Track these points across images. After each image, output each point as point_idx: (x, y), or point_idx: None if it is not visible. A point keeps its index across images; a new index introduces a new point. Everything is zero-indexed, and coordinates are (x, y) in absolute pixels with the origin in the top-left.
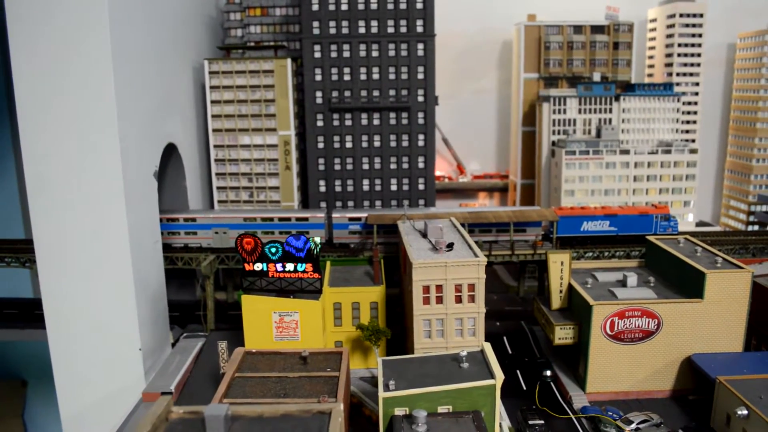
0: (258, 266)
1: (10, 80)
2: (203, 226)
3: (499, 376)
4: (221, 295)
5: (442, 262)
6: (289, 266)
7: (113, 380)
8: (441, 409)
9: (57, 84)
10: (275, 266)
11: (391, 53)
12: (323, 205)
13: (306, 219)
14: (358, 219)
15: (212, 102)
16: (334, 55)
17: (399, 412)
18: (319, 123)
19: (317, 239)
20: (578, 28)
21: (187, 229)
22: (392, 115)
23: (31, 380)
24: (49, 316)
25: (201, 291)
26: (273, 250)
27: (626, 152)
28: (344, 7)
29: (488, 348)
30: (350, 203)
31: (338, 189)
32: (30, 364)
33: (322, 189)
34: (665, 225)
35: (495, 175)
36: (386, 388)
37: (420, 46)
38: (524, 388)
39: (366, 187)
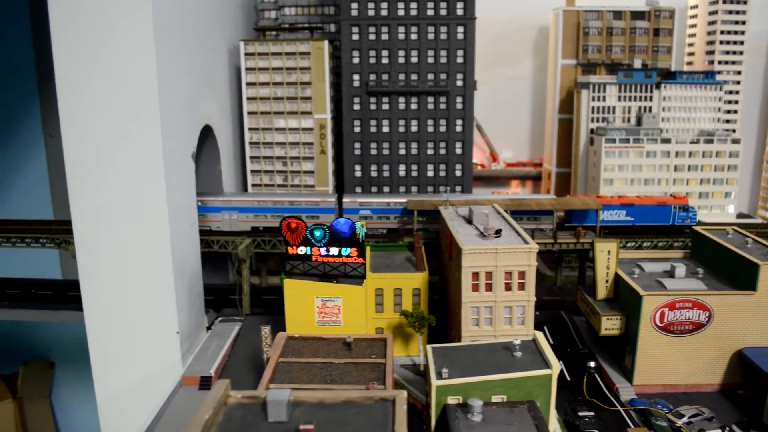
0: (301, 250)
1: (40, 63)
2: (213, 209)
3: (555, 365)
4: (255, 279)
5: (492, 248)
6: (333, 250)
7: (150, 363)
8: (495, 399)
9: (98, 65)
10: (319, 250)
11: (430, 36)
12: (358, 190)
13: (317, 203)
14: (369, 204)
15: (248, 84)
16: (372, 37)
17: (452, 400)
18: (356, 107)
19: (363, 223)
20: (618, 14)
21: (198, 211)
22: (430, 99)
23: (58, 362)
24: (86, 298)
25: (236, 275)
26: (318, 233)
27: (667, 141)
28: None
29: (541, 337)
30: (386, 188)
31: (374, 174)
32: (58, 346)
33: (358, 174)
34: (683, 216)
35: (528, 163)
36: (439, 376)
37: (460, 29)
38: (568, 378)
39: (402, 173)
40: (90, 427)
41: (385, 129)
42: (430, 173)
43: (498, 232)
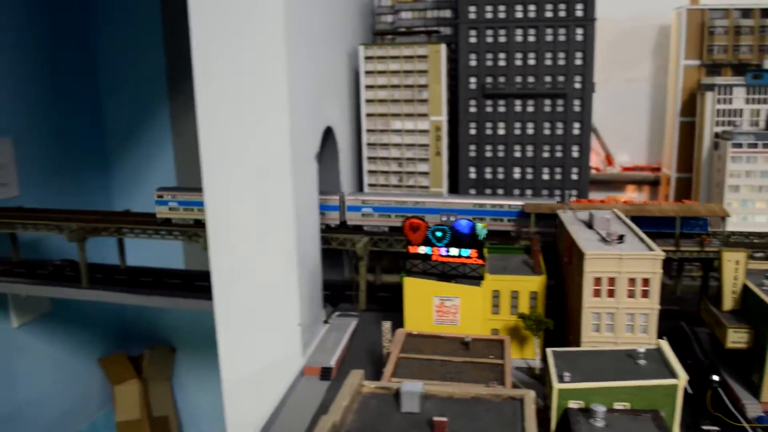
0: (422, 249)
1: (170, 67)
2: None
3: (682, 375)
4: (369, 276)
5: (616, 254)
6: (453, 251)
7: (272, 353)
8: (617, 406)
9: (233, 72)
10: (439, 250)
11: (549, 38)
12: (472, 192)
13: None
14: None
15: (366, 87)
16: (489, 40)
17: (573, 405)
18: (472, 109)
19: (483, 225)
20: (746, 12)
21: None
22: (547, 102)
23: (179, 347)
24: (216, 288)
25: (353, 272)
26: (438, 234)
27: None
28: None
29: (666, 346)
30: (500, 191)
31: (488, 176)
32: (179, 332)
33: (472, 176)
34: (693, 224)
35: (646, 168)
36: (560, 379)
37: (579, 30)
38: (690, 391)
39: (517, 175)
40: (207, 411)
41: (501, 131)
42: (546, 176)
43: (621, 238)
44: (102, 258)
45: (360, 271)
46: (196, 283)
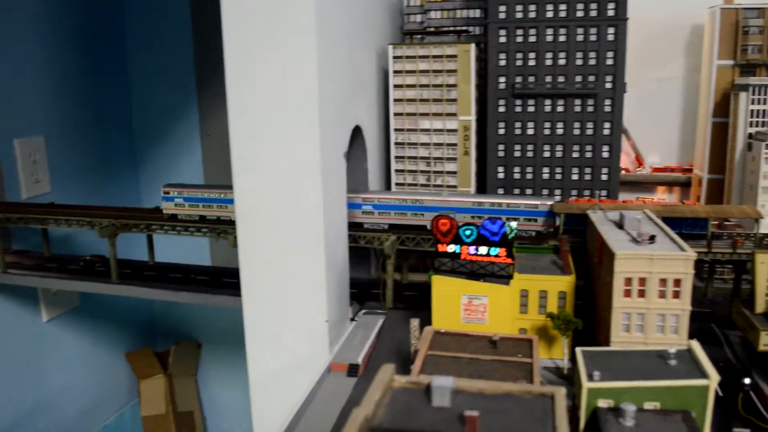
0: (451, 248)
1: (198, 66)
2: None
3: (714, 376)
4: (396, 275)
5: (647, 254)
6: (482, 250)
7: (299, 349)
8: (647, 406)
9: (264, 72)
10: (468, 248)
11: (579, 38)
12: (500, 191)
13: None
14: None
15: (395, 86)
16: (519, 39)
17: (602, 404)
18: (501, 109)
19: (513, 224)
20: None
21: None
22: (577, 101)
23: (204, 343)
24: (245, 285)
25: (380, 270)
26: (467, 232)
27: None
28: None
29: (697, 347)
30: (528, 191)
31: (517, 176)
32: (204, 328)
33: (501, 176)
34: (693, 224)
35: (677, 169)
36: (590, 378)
37: (610, 30)
38: (720, 394)
39: (546, 175)
40: (231, 407)
41: (530, 131)
42: (575, 177)
43: (652, 238)
44: (128, 254)
45: (387, 269)
46: (224, 280)
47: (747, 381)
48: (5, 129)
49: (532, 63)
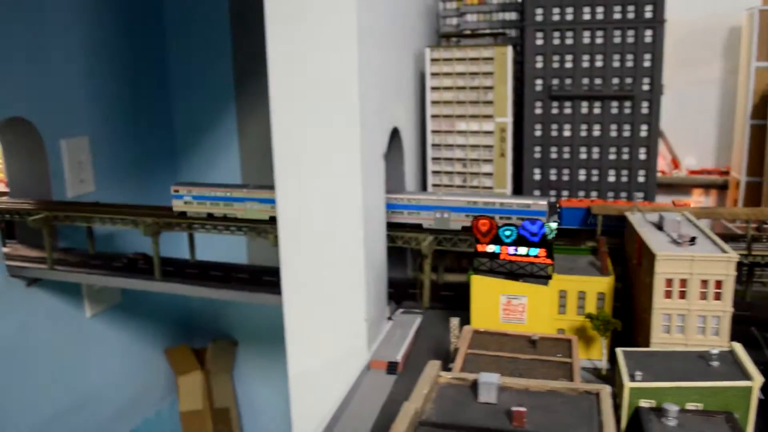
0: (491, 248)
1: (237, 68)
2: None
3: (757, 378)
4: (432, 275)
5: (688, 255)
6: (522, 250)
7: (338, 347)
8: (689, 406)
9: (306, 73)
10: (507, 249)
11: (617, 40)
12: (537, 193)
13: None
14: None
15: (432, 88)
16: (556, 42)
17: (644, 404)
18: (538, 111)
19: (553, 225)
20: None
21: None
22: (614, 104)
23: (241, 340)
24: (286, 283)
25: (417, 270)
26: (507, 233)
27: None
28: None
29: (740, 348)
30: (565, 192)
31: (553, 178)
32: (240, 326)
33: (537, 177)
34: None
35: (714, 171)
36: (632, 378)
37: (648, 32)
38: (761, 397)
39: (582, 177)
40: (266, 404)
41: (566, 133)
42: (611, 179)
43: (692, 240)
44: (167, 252)
45: (425, 269)
46: (263, 278)
47: None
48: (53, 130)
49: (569, 65)
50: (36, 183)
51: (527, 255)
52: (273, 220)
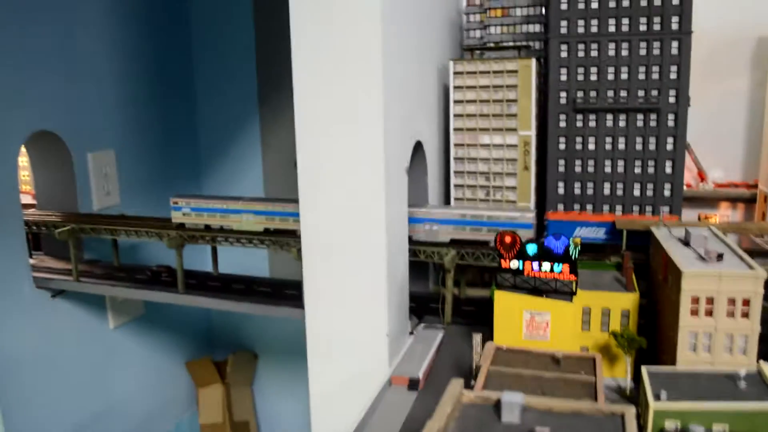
0: (514, 264)
1: (261, 79)
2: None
3: None
4: (454, 290)
5: (715, 272)
6: (546, 266)
7: (360, 362)
8: (715, 428)
9: (331, 86)
10: (531, 264)
11: (642, 52)
12: (560, 207)
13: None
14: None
15: (455, 101)
16: (581, 54)
17: (669, 424)
18: (562, 124)
19: (577, 241)
20: None
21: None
22: (639, 116)
23: (261, 354)
24: (308, 297)
25: (439, 284)
26: (531, 248)
27: None
28: (594, 5)
29: None
30: (588, 206)
31: (577, 192)
32: (261, 339)
33: (561, 191)
34: None
35: (741, 184)
36: (657, 398)
37: (674, 44)
38: None
39: (607, 191)
40: (285, 418)
41: (591, 146)
42: (636, 192)
43: (720, 256)
44: (189, 265)
45: (447, 284)
46: (285, 291)
47: None
48: (80, 144)
49: (593, 78)
50: (62, 195)
51: (551, 271)
52: (267, 232)
